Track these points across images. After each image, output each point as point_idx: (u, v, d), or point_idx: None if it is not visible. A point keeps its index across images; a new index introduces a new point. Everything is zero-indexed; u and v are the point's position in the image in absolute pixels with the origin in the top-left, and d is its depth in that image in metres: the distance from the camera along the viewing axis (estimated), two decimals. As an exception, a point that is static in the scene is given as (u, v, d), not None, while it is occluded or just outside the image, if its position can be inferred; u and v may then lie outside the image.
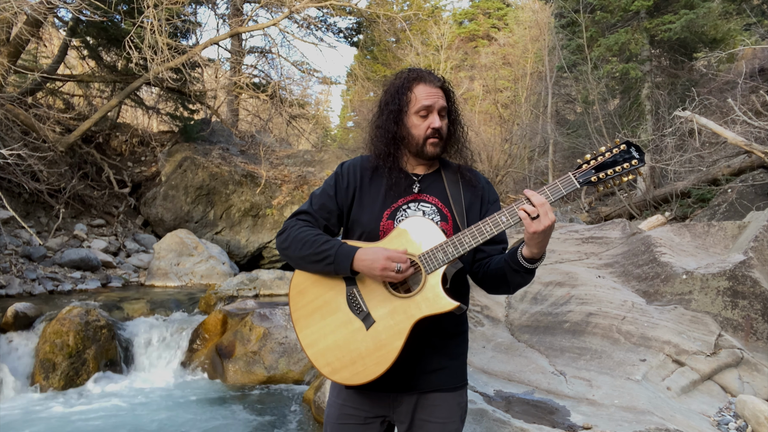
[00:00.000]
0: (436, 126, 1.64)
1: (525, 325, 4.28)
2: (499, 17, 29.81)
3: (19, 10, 7.55)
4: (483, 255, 1.68)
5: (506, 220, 1.50)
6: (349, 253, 1.53)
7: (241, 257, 11.01)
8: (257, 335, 5.38)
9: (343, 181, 1.72)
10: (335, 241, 1.59)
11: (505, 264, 1.55)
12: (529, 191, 1.45)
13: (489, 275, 1.63)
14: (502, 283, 1.60)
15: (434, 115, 1.65)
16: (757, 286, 4.16)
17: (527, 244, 1.48)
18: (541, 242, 1.45)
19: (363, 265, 1.52)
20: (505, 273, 1.56)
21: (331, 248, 1.56)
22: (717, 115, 11.24)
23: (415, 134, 1.66)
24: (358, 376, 1.53)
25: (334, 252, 1.55)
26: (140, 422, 4.29)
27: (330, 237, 1.63)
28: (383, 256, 1.48)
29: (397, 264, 1.48)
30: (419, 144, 1.66)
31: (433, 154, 1.66)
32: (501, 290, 1.65)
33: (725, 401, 3.44)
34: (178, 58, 9.45)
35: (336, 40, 16.17)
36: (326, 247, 1.56)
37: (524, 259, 1.50)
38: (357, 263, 1.52)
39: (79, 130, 9.70)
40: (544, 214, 1.41)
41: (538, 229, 1.41)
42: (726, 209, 8.59)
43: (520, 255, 1.51)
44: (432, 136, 1.65)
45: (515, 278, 1.56)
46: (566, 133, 17.82)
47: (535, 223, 1.42)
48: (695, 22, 12.08)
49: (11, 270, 7.10)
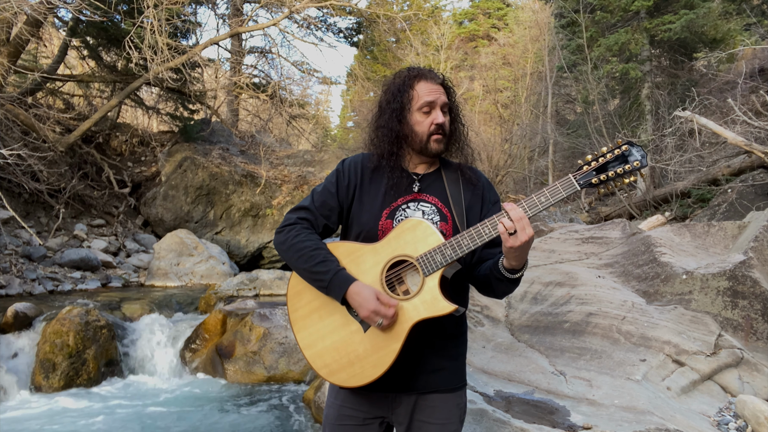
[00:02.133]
0: (439, 122, 1.63)
1: (525, 325, 4.28)
2: (499, 17, 29.81)
3: (19, 10, 7.55)
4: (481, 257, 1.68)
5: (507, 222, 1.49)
6: (343, 286, 1.52)
7: (241, 257, 11.01)
8: (257, 335, 5.38)
9: (344, 179, 1.71)
10: (332, 264, 1.56)
11: (490, 272, 1.56)
12: (509, 205, 1.43)
13: (478, 280, 1.64)
14: (489, 290, 1.62)
15: (437, 111, 1.64)
16: (757, 286, 4.16)
17: (506, 257, 1.47)
18: (519, 255, 1.44)
19: (353, 301, 1.52)
20: (491, 281, 1.57)
21: (327, 272, 1.54)
22: (717, 115, 11.24)
23: (419, 131, 1.65)
24: (355, 379, 1.53)
25: (329, 279, 1.54)
26: (140, 422, 4.28)
27: (327, 253, 1.59)
28: (371, 308, 1.48)
29: (380, 318, 1.48)
30: (423, 141, 1.65)
31: (437, 150, 1.66)
32: (489, 294, 1.66)
33: (725, 401, 3.44)
34: (178, 58, 9.45)
35: (336, 40, 16.17)
36: (322, 269, 1.55)
37: (506, 270, 1.50)
38: (349, 297, 1.52)
39: (79, 130, 9.70)
40: (521, 230, 1.39)
41: (515, 244, 1.40)
42: (726, 209, 8.59)
43: (502, 266, 1.51)
44: (436, 132, 1.64)
45: (500, 286, 1.56)
46: (566, 133, 17.83)
47: (511, 239, 1.40)
48: (695, 22, 12.09)
49: (11, 270, 7.10)
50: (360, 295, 1.50)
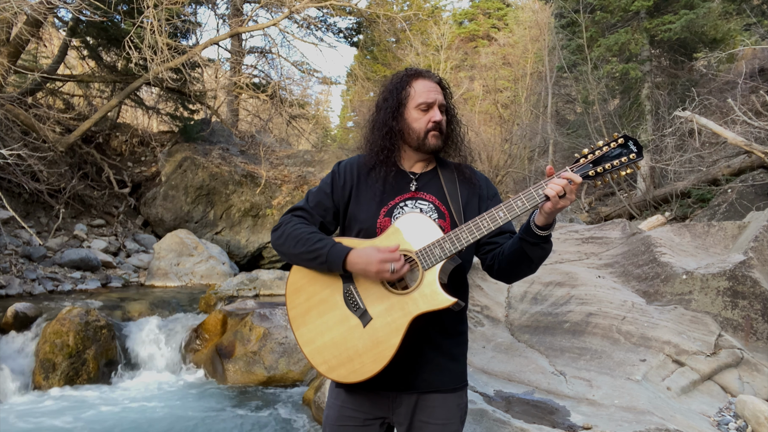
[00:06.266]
0: (437, 119, 1.65)
1: (525, 325, 4.28)
2: (499, 17, 29.80)
3: (19, 10, 7.55)
4: (493, 246, 1.67)
5: (503, 215, 1.50)
6: (341, 254, 1.53)
7: (241, 257, 11.00)
8: (257, 335, 5.38)
9: (339, 180, 1.72)
10: (328, 240, 1.58)
11: (521, 242, 1.54)
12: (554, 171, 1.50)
13: (507, 259, 1.60)
14: (523, 261, 1.58)
15: (435, 109, 1.66)
16: (757, 286, 4.15)
17: (545, 218, 1.48)
18: (554, 214, 1.48)
19: (356, 267, 1.51)
20: (524, 250, 1.54)
21: (323, 247, 1.55)
22: (717, 115, 11.23)
23: (416, 128, 1.66)
24: (355, 374, 1.53)
25: (326, 252, 1.54)
26: (140, 422, 4.28)
27: (323, 235, 1.62)
28: (377, 259, 1.48)
29: (390, 264, 1.47)
30: (420, 137, 1.66)
31: (434, 145, 1.66)
32: (523, 271, 1.62)
33: (725, 401, 3.44)
34: (178, 58, 9.45)
35: (336, 40, 16.18)
36: (319, 246, 1.56)
37: (538, 227, 1.50)
38: (350, 265, 1.52)
39: (79, 130, 9.70)
40: (570, 192, 1.45)
41: (565, 204, 1.45)
42: (726, 209, 8.59)
43: (534, 225, 1.50)
44: (434, 129, 1.65)
45: (535, 252, 1.54)
46: (566, 133, 17.82)
47: (562, 201, 1.44)
48: (695, 22, 12.08)
49: (11, 270, 7.10)
50: (360, 255, 1.51)
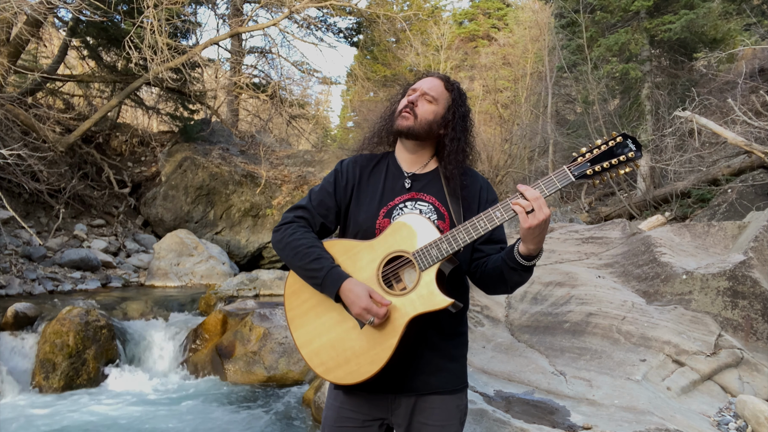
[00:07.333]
0: (411, 99, 1.65)
1: (525, 325, 4.28)
2: (499, 17, 29.79)
3: (19, 10, 7.55)
4: (481, 255, 1.65)
5: (500, 215, 1.46)
6: (336, 282, 1.52)
7: (241, 257, 11.00)
8: (257, 335, 5.38)
9: (342, 179, 1.71)
10: (325, 260, 1.56)
11: (502, 263, 1.52)
12: (523, 186, 1.42)
13: (486, 275, 1.60)
14: (500, 283, 1.57)
15: (416, 93, 1.66)
16: (757, 286, 4.15)
17: (523, 240, 1.45)
18: (536, 237, 1.42)
19: (346, 299, 1.51)
20: (503, 272, 1.53)
21: (321, 269, 1.54)
22: (717, 115, 11.23)
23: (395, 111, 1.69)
24: (352, 375, 1.52)
25: (323, 276, 1.53)
26: (140, 422, 4.28)
27: (322, 251, 1.59)
28: (363, 305, 1.47)
29: (371, 317, 1.47)
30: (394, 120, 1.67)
31: (402, 127, 1.64)
32: (499, 290, 1.62)
33: (725, 401, 3.44)
34: (178, 58, 9.45)
35: (336, 40, 16.15)
36: (316, 267, 1.55)
37: (521, 256, 1.47)
38: (342, 295, 1.52)
39: (79, 130, 9.70)
40: (539, 208, 1.38)
41: (533, 223, 1.38)
42: (726, 209, 8.59)
43: (517, 252, 1.48)
44: (404, 109, 1.65)
45: (513, 276, 1.52)
46: (566, 133, 17.81)
47: (530, 218, 1.38)
48: (695, 22, 12.07)
49: (11, 270, 7.10)
50: (353, 292, 1.49)
